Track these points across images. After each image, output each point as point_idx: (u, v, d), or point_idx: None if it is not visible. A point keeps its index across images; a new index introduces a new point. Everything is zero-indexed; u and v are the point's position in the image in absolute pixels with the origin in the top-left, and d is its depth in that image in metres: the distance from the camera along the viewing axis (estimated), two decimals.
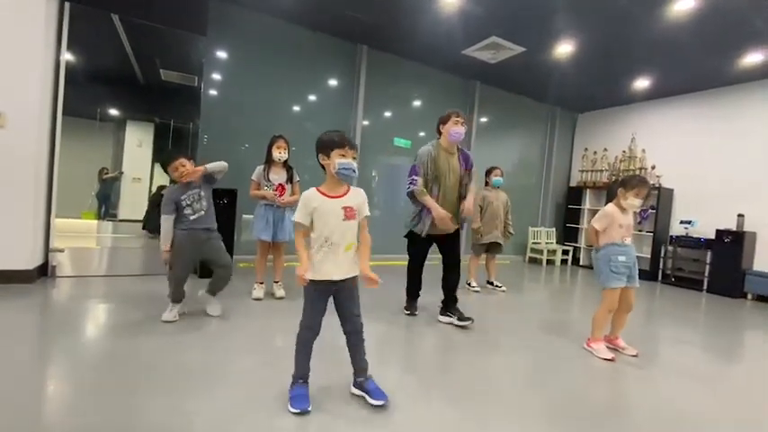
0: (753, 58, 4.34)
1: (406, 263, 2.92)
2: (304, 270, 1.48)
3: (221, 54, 4.24)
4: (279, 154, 2.99)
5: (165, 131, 4.65)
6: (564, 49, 4.52)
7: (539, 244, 6.61)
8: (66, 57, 3.21)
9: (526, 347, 2.45)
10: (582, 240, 6.75)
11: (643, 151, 6.14)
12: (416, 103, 5.68)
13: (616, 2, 3.49)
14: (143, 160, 4.67)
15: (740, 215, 4.93)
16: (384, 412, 1.53)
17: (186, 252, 2.40)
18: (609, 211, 2.38)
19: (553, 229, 6.95)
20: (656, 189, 5.67)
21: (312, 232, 1.54)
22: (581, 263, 6.70)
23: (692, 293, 4.92)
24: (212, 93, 4.22)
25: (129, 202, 4.62)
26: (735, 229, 4.93)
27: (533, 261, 6.65)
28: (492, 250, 4.06)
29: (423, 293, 2.96)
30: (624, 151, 6.37)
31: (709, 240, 5.10)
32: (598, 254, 2.42)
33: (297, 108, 4.77)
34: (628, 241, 2.37)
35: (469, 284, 3.99)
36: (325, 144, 1.53)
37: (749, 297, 4.80)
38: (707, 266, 5.09)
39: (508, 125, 6.63)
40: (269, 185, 2.99)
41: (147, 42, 4.03)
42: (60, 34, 3.17)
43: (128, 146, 4.58)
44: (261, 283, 3.06)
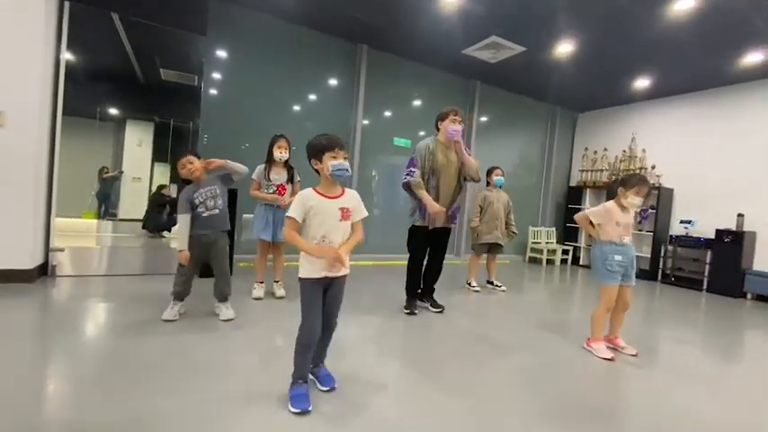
0: (753, 57, 4.34)
1: (405, 262, 2.93)
2: (319, 250, 1.51)
3: (221, 53, 4.24)
4: (280, 154, 2.98)
5: (165, 131, 4.64)
6: (564, 48, 4.52)
7: (539, 243, 6.62)
8: (66, 56, 3.21)
9: (526, 347, 2.45)
10: (582, 240, 6.76)
11: (643, 151, 6.14)
12: (416, 103, 5.68)
13: (616, 1, 3.49)
14: (143, 160, 4.66)
15: (740, 215, 4.93)
16: (383, 411, 1.54)
17: (194, 251, 2.40)
18: (608, 206, 2.38)
19: (553, 229, 6.95)
20: (656, 189, 5.67)
21: (307, 232, 1.56)
22: (581, 262, 6.71)
23: (691, 293, 4.93)
24: (212, 92, 4.22)
25: (129, 201, 4.61)
26: (735, 228, 4.93)
27: (533, 261, 6.66)
28: (493, 250, 4.06)
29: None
30: (624, 151, 6.37)
31: (709, 240, 5.10)
32: (595, 251, 2.43)
33: (297, 107, 4.77)
34: (626, 240, 2.37)
35: (469, 284, 3.99)
36: (316, 149, 1.58)
37: (749, 297, 4.80)
38: (707, 266, 5.10)
39: (508, 125, 6.63)
40: (269, 185, 2.99)
41: (146, 41, 4.02)
42: (60, 33, 3.17)
43: (128, 145, 4.57)
44: (261, 283, 3.06)
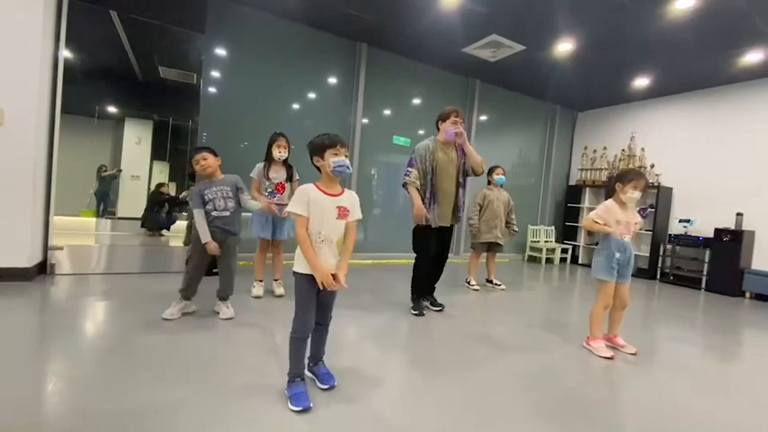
0: (753, 57, 4.34)
1: (404, 261, 2.94)
2: (325, 272, 1.51)
3: (220, 52, 4.22)
4: (279, 153, 2.97)
5: (164, 129, 4.63)
6: (564, 47, 4.52)
7: (538, 242, 6.63)
8: (65, 53, 3.20)
9: (525, 346, 2.45)
10: (581, 239, 6.77)
11: (642, 150, 6.14)
12: (416, 102, 5.67)
13: (616, 0, 3.48)
14: (142, 158, 4.65)
15: (739, 214, 4.94)
16: (383, 409, 1.54)
17: (201, 250, 2.41)
18: (609, 205, 2.38)
19: (552, 228, 6.96)
20: (655, 188, 5.68)
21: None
22: (580, 261, 6.72)
23: (690, 292, 4.94)
24: (211, 90, 4.21)
25: (128, 199, 4.61)
26: (733, 227, 4.94)
27: (532, 259, 6.67)
28: (492, 249, 4.06)
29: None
30: (624, 150, 6.37)
31: (708, 239, 5.11)
32: (601, 247, 2.43)
33: (296, 106, 4.76)
34: (627, 239, 2.38)
35: (468, 282, 4.00)
36: (318, 147, 1.61)
37: (747, 296, 4.81)
38: (705, 265, 5.11)
39: (508, 123, 6.63)
40: (269, 184, 2.99)
41: (145, 39, 4.01)
42: (59, 31, 3.16)
43: (126, 143, 4.56)
44: (260, 281, 3.06)
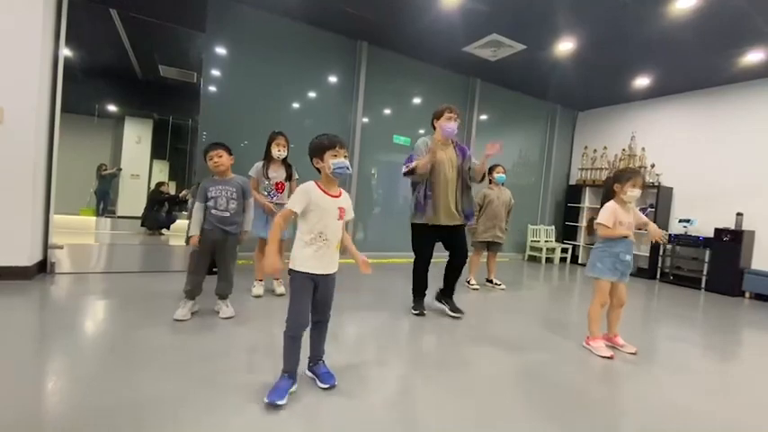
0: (753, 56, 4.33)
1: (404, 260, 2.94)
2: (274, 264, 1.56)
3: (220, 50, 4.22)
4: (278, 152, 2.96)
5: (164, 128, 4.64)
6: (564, 46, 4.52)
7: (538, 242, 6.63)
8: (65, 52, 3.19)
9: (524, 345, 2.45)
10: (581, 238, 6.77)
11: (643, 149, 6.14)
12: (416, 101, 5.67)
13: None
14: (142, 156, 4.66)
15: (739, 214, 4.94)
16: (383, 408, 1.54)
17: (204, 249, 2.42)
18: (611, 207, 2.38)
19: (552, 227, 6.96)
20: (655, 187, 5.68)
21: (303, 225, 1.58)
22: (580, 261, 6.72)
23: (690, 292, 4.94)
24: (211, 89, 4.20)
25: (128, 198, 4.61)
26: (733, 227, 4.94)
27: (532, 259, 6.67)
28: (492, 248, 4.06)
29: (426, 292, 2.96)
30: (624, 149, 6.37)
31: (708, 239, 5.11)
32: (596, 246, 2.42)
33: (296, 105, 4.75)
34: (632, 239, 2.37)
35: (468, 282, 4.00)
36: (318, 148, 1.61)
37: (747, 295, 4.81)
38: (705, 265, 5.11)
39: (508, 123, 6.63)
40: (267, 183, 2.98)
41: (145, 38, 4.01)
42: (59, 29, 3.15)
43: (126, 142, 4.56)
44: (260, 281, 3.06)
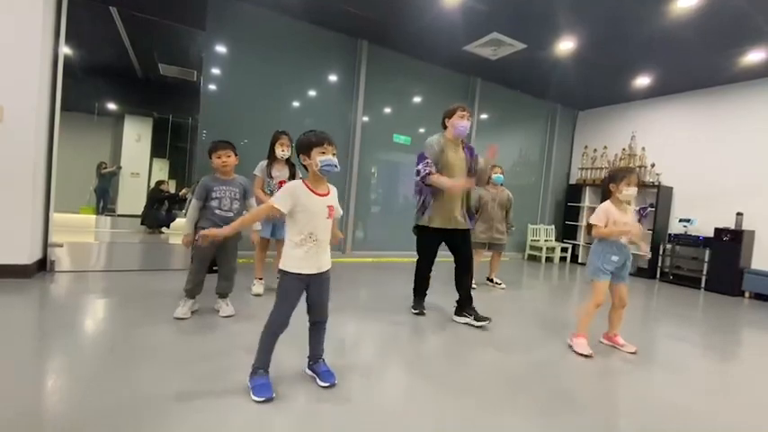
0: (754, 56, 4.33)
1: (404, 259, 2.93)
2: (217, 233, 1.59)
3: (221, 49, 4.21)
4: (282, 151, 2.99)
5: (164, 126, 4.63)
6: (565, 45, 4.51)
7: (538, 241, 6.63)
8: (65, 50, 3.18)
9: (525, 344, 2.46)
10: (581, 238, 6.77)
11: (643, 149, 6.14)
12: (416, 100, 5.66)
13: None
14: (141, 155, 4.64)
15: (739, 214, 4.94)
16: (383, 407, 1.54)
17: (206, 248, 2.40)
18: (605, 207, 2.36)
19: (552, 227, 6.96)
20: (655, 187, 5.68)
21: (293, 226, 1.56)
22: (580, 260, 6.72)
23: (690, 291, 4.94)
24: (211, 87, 4.20)
25: (128, 196, 4.60)
26: (733, 227, 4.94)
27: (532, 258, 6.67)
28: (493, 248, 4.04)
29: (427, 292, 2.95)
30: (624, 149, 6.36)
31: (708, 239, 5.11)
32: (596, 248, 2.41)
33: (296, 103, 4.75)
34: (624, 240, 2.37)
35: None
36: (305, 145, 1.57)
37: (746, 295, 4.82)
38: (705, 265, 5.11)
39: (508, 122, 6.62)
40: (271, 182, 3.01)
41: (145, 36, 4.00)
42: (58, 27, 3.14)
43: (126, 140, 4.55)
44: (260, 279, 3.07)
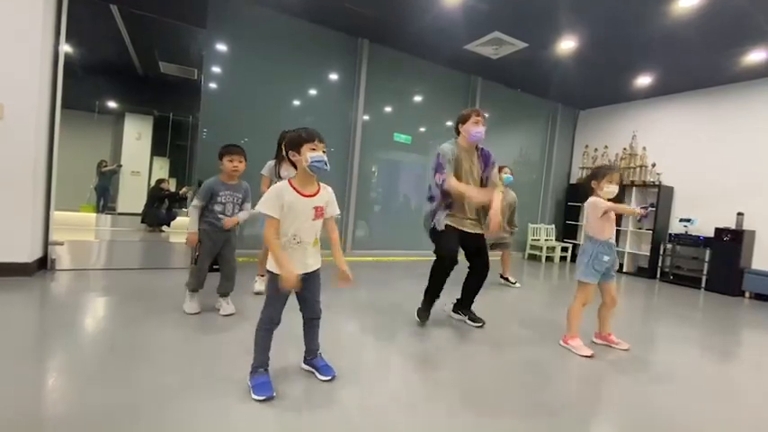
0: (756, 56, 4.33)
1: (404, 258, 2.92)
2: (291, 276, 1.46)
3: (221, 47, 4.21)
4: None
5: (165, 124, 4.62)
6: (566, 45, 4.50)
7: (538, 241, 6.63)
8: (65, 48, 3.17)
9: (524, 343, 2.45)
10: (581, 237, 6.77)
11: (644, 149, 6.13)
12: (417, 99, 5.65)
13: None
14: (142, 153, 4.64)
15: (740, 214, 4.94)
16: (382, 407, 1.54)
17: (208, 246, 2.44)
18: (593, 201, 2.33)
19: (552, 226, 6.96)
20: (656, 187, 5.68)
21: (278, 226, 1.54)
22: None
23: (690, 291, 4.94)
24: (212, 86, 4.20)
25: (128, 195, 4.60)
26: (734, 227, 4.94)
27: (533, 258, 6.67)
28: (497, 248, 4.03)
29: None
30: (625, 149, 6.36)
31: (709, 238, 5.11)
32: (586, 247, 2.38)
33: (297, 102, 4.74)
34: (611, 240, 2.36)
35: None
36: (294, 140, 1.54)
37: (747, 295, 4.82)
38: (705, 264, 5.11)
39: (509, 121, 6.62)
40: (278, 182, 2.98)
41: (146, 34, 3.99)
42: (59, 25, 3.13)
43: (126, 138, 4.54)
44: (262, 276, 3.07)
